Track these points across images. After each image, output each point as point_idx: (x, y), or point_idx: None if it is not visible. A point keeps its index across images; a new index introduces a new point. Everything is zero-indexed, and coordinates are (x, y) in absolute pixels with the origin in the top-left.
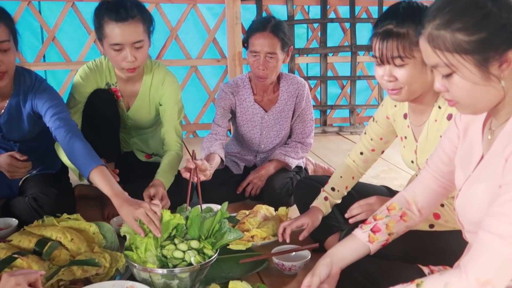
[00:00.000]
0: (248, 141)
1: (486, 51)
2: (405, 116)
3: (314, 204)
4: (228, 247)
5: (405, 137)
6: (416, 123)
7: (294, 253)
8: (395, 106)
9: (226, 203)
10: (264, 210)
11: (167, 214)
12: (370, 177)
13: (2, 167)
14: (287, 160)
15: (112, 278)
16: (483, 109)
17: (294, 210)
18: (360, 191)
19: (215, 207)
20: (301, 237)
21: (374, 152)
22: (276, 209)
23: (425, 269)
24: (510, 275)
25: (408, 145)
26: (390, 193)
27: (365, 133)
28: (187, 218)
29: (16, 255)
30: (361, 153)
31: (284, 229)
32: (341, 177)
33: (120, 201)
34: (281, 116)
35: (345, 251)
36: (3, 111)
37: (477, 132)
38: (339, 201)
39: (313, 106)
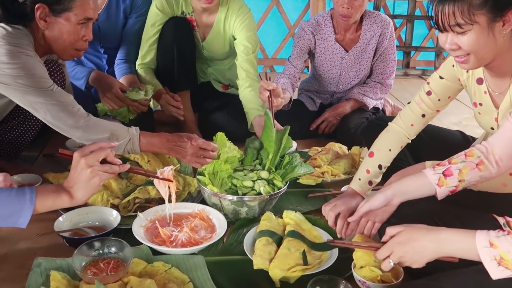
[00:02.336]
0: (326, 80)
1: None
2: (479, 81)
3: (356, 188)
4: (298, 181)
5: (480, 104)
6: (496, 90)
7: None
8: (467, 71)
9: (288, 127)
10: (337, 148)
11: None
12: (452, 124)
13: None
14: (364, 100)
15: (184, 200)
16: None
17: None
18: (430, 134)
19: None
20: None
21: (437, 113)
22: (349, 148)
23: (500, 220)
24: None
25: (486, 112)
26: (464, 139)
27: (429, 93)
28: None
29: None
30: (423, 115)
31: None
32: (390, 150)
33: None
34: (362, 56)
35: (410, 187)
36: (104, 5)
37: None
38: (378, 181)
39: (397, 46)
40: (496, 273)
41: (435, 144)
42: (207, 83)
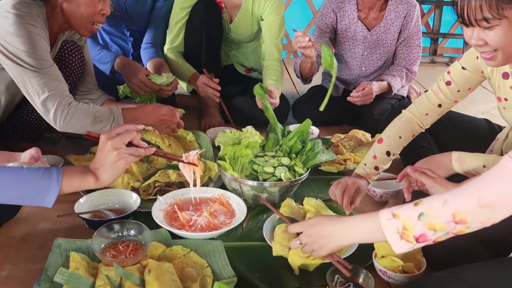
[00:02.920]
0: (349, 61)
1: None
2: (505, 75)
3: (361, 172)
4: (320, 168)
5: (506, 99)
6: None
7: (387, 181)
8: None
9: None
10: (360, 135)
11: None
12: (479, 113)
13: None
14: (392, 81)
15: (205, 185)
16: None
17: None
18: (455, 121)
19: (311, 128)
20: (350, 209)
21: (454, 103)
22: (372, 136)
23: None
24: None
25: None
26: (489, 127)
27: (448, 83)
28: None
29: None
30: (440, 105)
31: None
32: (400, 137)
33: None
34: (386, 37)
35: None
36: None
37: None
38: (386, 168)
39: (424, 33)
40: (399, 246)
41: (459, 132)
42: (229, 66)
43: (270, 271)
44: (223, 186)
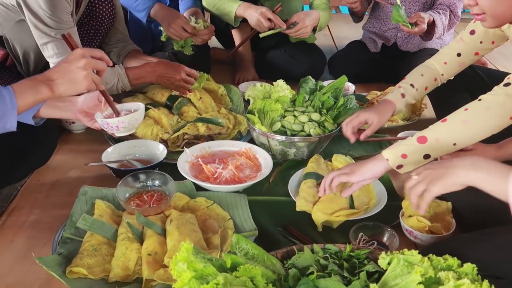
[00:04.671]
0: (386, 10)
1: None
2: None
3: (389, 97)
4: None
5: None
6: None
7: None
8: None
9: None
10: None
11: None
12: None
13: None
14: (436, 17)
15: (234, 139)
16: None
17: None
18: (495, 79)
19: (347, 84)
20: (362, 137)
21: (476, 56)
22: None
23: None
24: None
25: None
26: None
27: (472, 32)
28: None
29: (149, 106)
30: (459, 55)
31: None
32: (422, 75)
33: None
34: None
35: None
36: None
37: None
38: (414, 102)
39: None
40: None
41: None
42: None
43: (293, 227)
44: (252, 141)
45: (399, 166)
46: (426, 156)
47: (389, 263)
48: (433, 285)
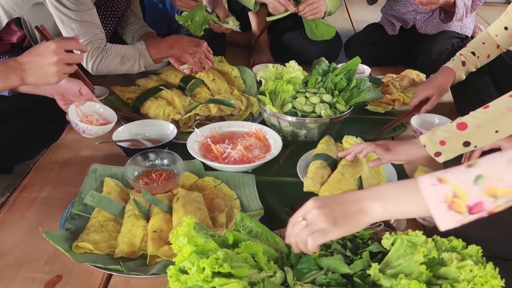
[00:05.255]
0: None
1: None
2: None
3: (449, 65)
4: (366, 107)
5: None
6: None
7: (437, 120)
8: None
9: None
10: (414, 75)
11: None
12: None
13: None
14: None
15: (246, 120)
16: None
17: None
18: None
19: (362, 67)
20: (422, 111)
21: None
22: (427, 76)
23: None
24: None
25: None
26: None
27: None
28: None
29: (162, 87)
30: (506, 28)
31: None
32: (483, 43)
33: None
34: None
35: None
36: None
37: None
38: (474, 70)
39: None
40: (445, 220)
41: None
42: None
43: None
44: (263, 123)
45: (437, 154)
46: (466, 144)
47: (393, 244)
48: (437, 266)
